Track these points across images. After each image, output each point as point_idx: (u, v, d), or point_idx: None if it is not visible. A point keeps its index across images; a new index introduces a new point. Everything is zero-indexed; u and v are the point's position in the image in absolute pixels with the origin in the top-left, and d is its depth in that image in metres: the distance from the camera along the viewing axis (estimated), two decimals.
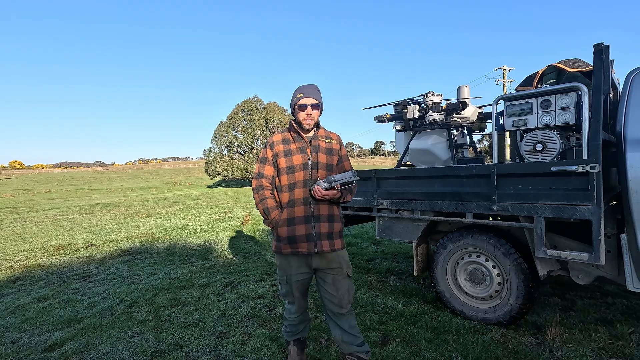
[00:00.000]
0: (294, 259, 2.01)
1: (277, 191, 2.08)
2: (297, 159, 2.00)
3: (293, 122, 2.08)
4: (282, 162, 2.01)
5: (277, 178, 2.06)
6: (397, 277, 4.02)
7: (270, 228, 2.10)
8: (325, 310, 2.12)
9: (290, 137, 2.07)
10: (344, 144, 2.23)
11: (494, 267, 2.74)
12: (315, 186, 1.91)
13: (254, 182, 2.07)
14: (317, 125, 2.10)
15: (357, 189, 3.40)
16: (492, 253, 2.72)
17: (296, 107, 2.00)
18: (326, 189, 1.90)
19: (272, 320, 2.95)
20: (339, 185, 1.90)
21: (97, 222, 9.48)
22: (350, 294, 2.06)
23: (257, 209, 2.06)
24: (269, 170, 2.05)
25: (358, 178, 1.93)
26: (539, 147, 2.57)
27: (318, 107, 2.02)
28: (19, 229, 8.66)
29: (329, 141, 2.10)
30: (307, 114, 1.98)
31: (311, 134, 2.07)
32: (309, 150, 2.02)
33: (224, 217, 9.68)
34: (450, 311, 2.97)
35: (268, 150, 2.07)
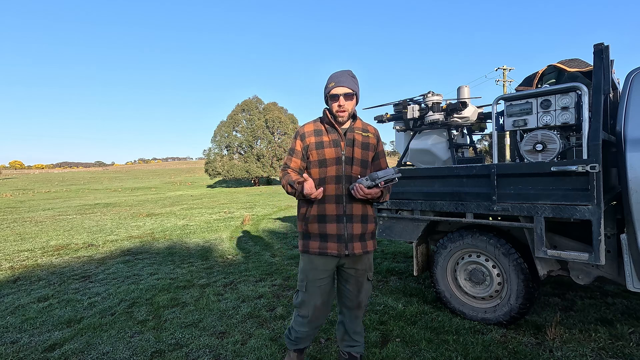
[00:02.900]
0: (320, 261, 1.85)
1: None
2: (330, 153, 1.84)
3: (327, 111, 1.89)
4: (314, 155, 1.86)
5: (308, 171, 1.91)
6: (397, 277, 4.02)
7: (299, 229, 1.94)
8: (339, 307, 2.04)
9: (323, 128, 1.90)
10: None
11: (494, 267, 2.74)
12: (357, 184, 1.75)
13: (280, 173, 1.95)
14: (354, 117, 1.92)
15: None
16: (492, 253, 2.72)
17: (328, 97, 1.84)
18: (369, 187, 1.74)
19: (272, 320, 2.95)
20: (382, 183, 1.72)
21: (97, 222, 9.48)
22: (367, 297, 2.00)
23: (285, 189, 1.88)
24: (295, 163, 1.90)
25: (400, 175, 1.75)
26: (539, 147, 2.57)
27: (352, 96, 1.83)
28: (19, 229, 8.66)
29: (366, 134, 1.92)
30: (340, 105, 1.80)
31: (346, 125, 1.90)
32: (342, 144, 1.86)
33: (224, 217, 9.68)
34: (450, 311, 2.97)
35: (298, 141, 1.91)
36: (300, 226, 1.92)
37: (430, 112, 4.17)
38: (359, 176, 1.84)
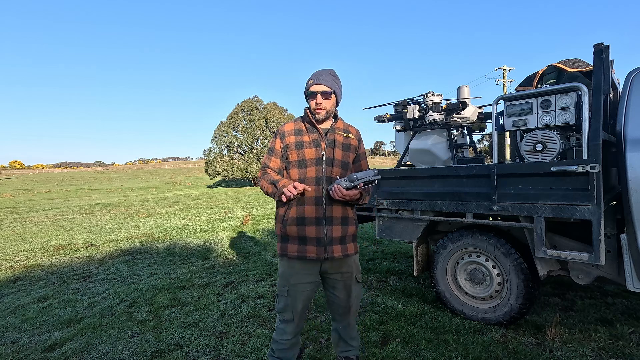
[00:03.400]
0: (299, 265, 1.80)
1: None
2: (310, 153, 1.80)
3: (307, 110, 1.86)
4: (294, 155, 1.82)
5: (285, 172, 1.88)
6: (397, 277, 4.02)
7: (277, 231, 1.88)
8: (331, 314, 1.99)
9: (304, 128, 1.86)
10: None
11: (494, 267, 2.74)
12: (335, 185, 1.71)
13: (259, 173, 1.89)
14: (335, 117, 1.89)
15: None
16: (492, 253, 2.72)
17: (307, 94, 1.82)
18: (347, 189, 1.70)
19: (272, 320, 2.95)
20: (361, 185, 1.69)
21: (97, 222, 9.48)
22: (358, 300, 1.95)
23: (264, 189, 1.83)
24: (275, 163, 1.87)
25: (380, 177, 1.73)
26: (539, 147, 2.57)
27: (330, 94, 1.79)
28: (19, 229, 8.66)
29: (347, 135, 1.90)
30: (317, 103, 1.77)
31: (327, 125, 1.87)
32: (323, 144, 1.82)
33: (224, 217, 9.68)
34: (450, 311, 2.97)
35: (277, 140, 1.87)
36: (278, 228, 1.86)
37: (430, 112, 4.17)
38: (339, 177, 1.80)
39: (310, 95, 1.80)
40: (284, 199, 1.73)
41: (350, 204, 1.88)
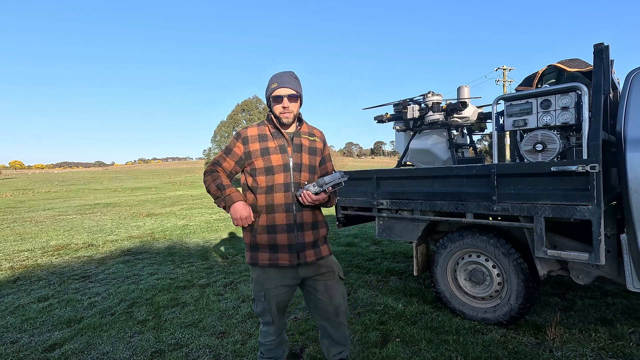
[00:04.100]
0: (273, 271, 1.77)
1: (253, 193, 1.81)
2: (277, 159, 1.76)
3: (272, 115, 1.80)
4: (259, 162, 1.76)
5: (252, 178, 1.81)
6: (397, 277, 4.02)
7: (245, 240, 1.83)
8: (317, 322, 1.94)
9: (269, 133, 1.80)
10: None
11: (494, 267, 2.74)
12: (304, 191, 1.70)
13: (207, 167, 1.82)
14: (300, 120, 1.86)
15: (358, 188, 3.40)
16: (492, 253, 2.72)
17: (271, 99, 1.76)
18: (316, 194, 1.70)
19: None
20: (330, 188, 1.70)
21: (97, 222, 9.48)
22: (344, 299, 1.91)
23: (209, 189, 1.77)
24: (229, 165, 1.81)
25: (347, 178, 1.74)
26: (539, 147, 2.57)
27: (296, 97, 1.76)
28: (19, 229, 8.66)
29: (313, 139, 1.87)
30: (284, 107, 1.73)
31: (292, 129, 1.83)
32: (290, 149, 1.78)
33: (224, 217, 9.68)
34: (450, 311, 2.97)
35: (239, 144, 1.80)
36: (246, 237, 1.81)
37: (430, 112, 4.17)
38: (306, 182, 1.78)
39: (275, 99, 1.74)
40: (234, 223, 1.70)
41: (319, 207, 1.87)
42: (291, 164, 1.78)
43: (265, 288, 1.79)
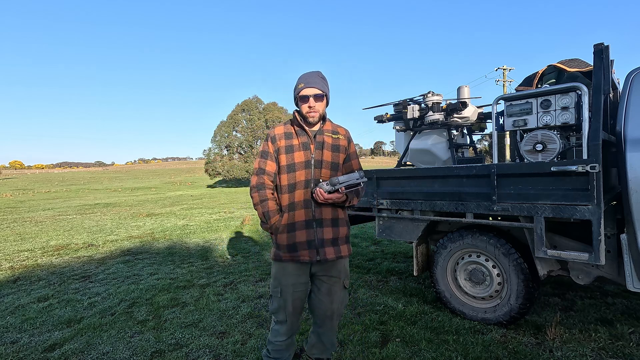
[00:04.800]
0: (292, 267, 1.82)
1: (276, 192, 1.88)
2: (299, 156, 1.81)
3: (297, 113, 1.87)
4: (283, 159, 1.82)
5: (277, 177, 1.87)
6: (397, 277, 4.02)
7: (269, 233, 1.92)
8: (312, 318, 1.98)
9: (293, 131, 1.86)
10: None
11: (494, 267, 2.74)
12: (317, 189, 1.73)
13: (254, 179, 1.85)
14: (323, 119, 1.89)
15: None
16: (492, 253, 2.72)
17: (298, 98, 1.82)
18: (329, 192, 1.72)
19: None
20: (343, 188, 1.70)
21: (97, 222, 9.48)
22: (343, 306, 1.94)
23: (256, 209, 1.84)
24: (270, 166, 1.85)
25: (365, 179, 1.74)
26: (539, 147, 2.57)
27: (322, 97, 1.81)
28: (19, 229, 8.66)
29: (336, 136, 1.90)
30: (310, 106, 1.78)
31: (316, 127, 1.88)
32: (312, 147, 1.83)
33: (224, 217, 9.68)
34: (450, 311, 2.97)
35: (269, 143, 1.87)
36: (273, 235, 1.89)
37: (430, 112, 4.17)
38: (325, 180, 1.81)
39: (302, 99, 1.80)
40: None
41: (341, 206, 1.88)
42: (313, 160, 1.82)
43: (282, 284, 1.83)
